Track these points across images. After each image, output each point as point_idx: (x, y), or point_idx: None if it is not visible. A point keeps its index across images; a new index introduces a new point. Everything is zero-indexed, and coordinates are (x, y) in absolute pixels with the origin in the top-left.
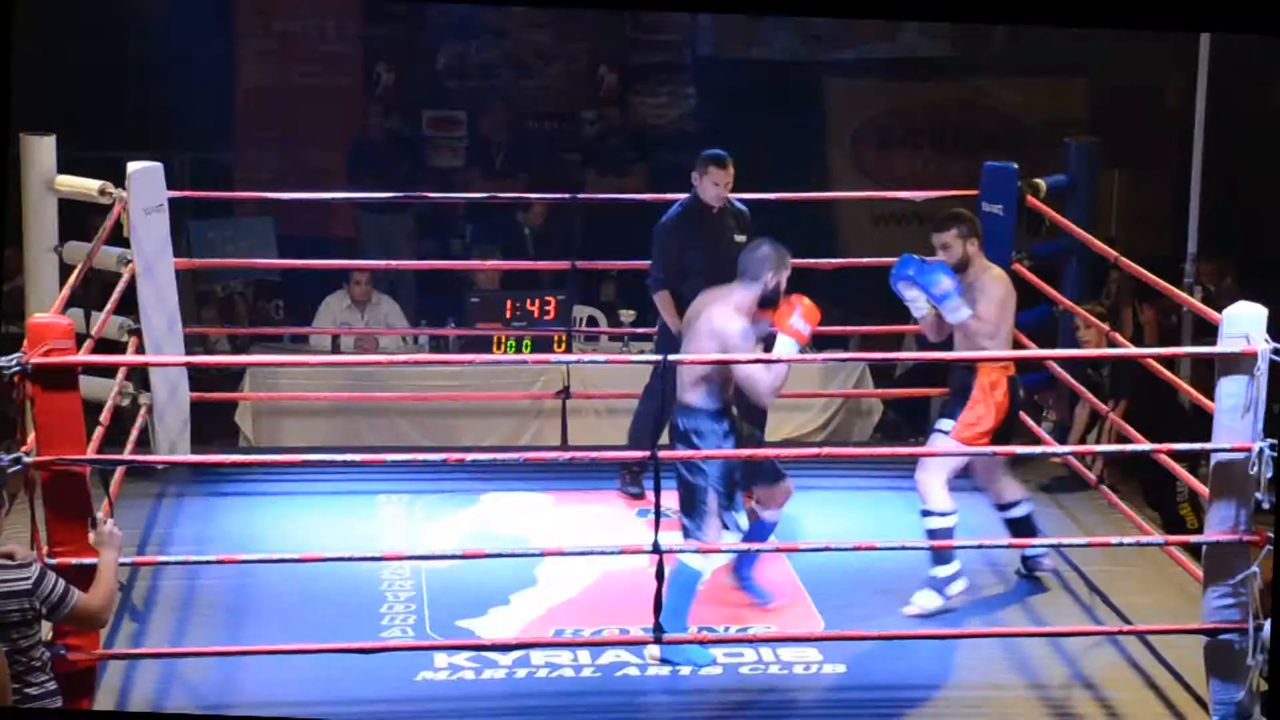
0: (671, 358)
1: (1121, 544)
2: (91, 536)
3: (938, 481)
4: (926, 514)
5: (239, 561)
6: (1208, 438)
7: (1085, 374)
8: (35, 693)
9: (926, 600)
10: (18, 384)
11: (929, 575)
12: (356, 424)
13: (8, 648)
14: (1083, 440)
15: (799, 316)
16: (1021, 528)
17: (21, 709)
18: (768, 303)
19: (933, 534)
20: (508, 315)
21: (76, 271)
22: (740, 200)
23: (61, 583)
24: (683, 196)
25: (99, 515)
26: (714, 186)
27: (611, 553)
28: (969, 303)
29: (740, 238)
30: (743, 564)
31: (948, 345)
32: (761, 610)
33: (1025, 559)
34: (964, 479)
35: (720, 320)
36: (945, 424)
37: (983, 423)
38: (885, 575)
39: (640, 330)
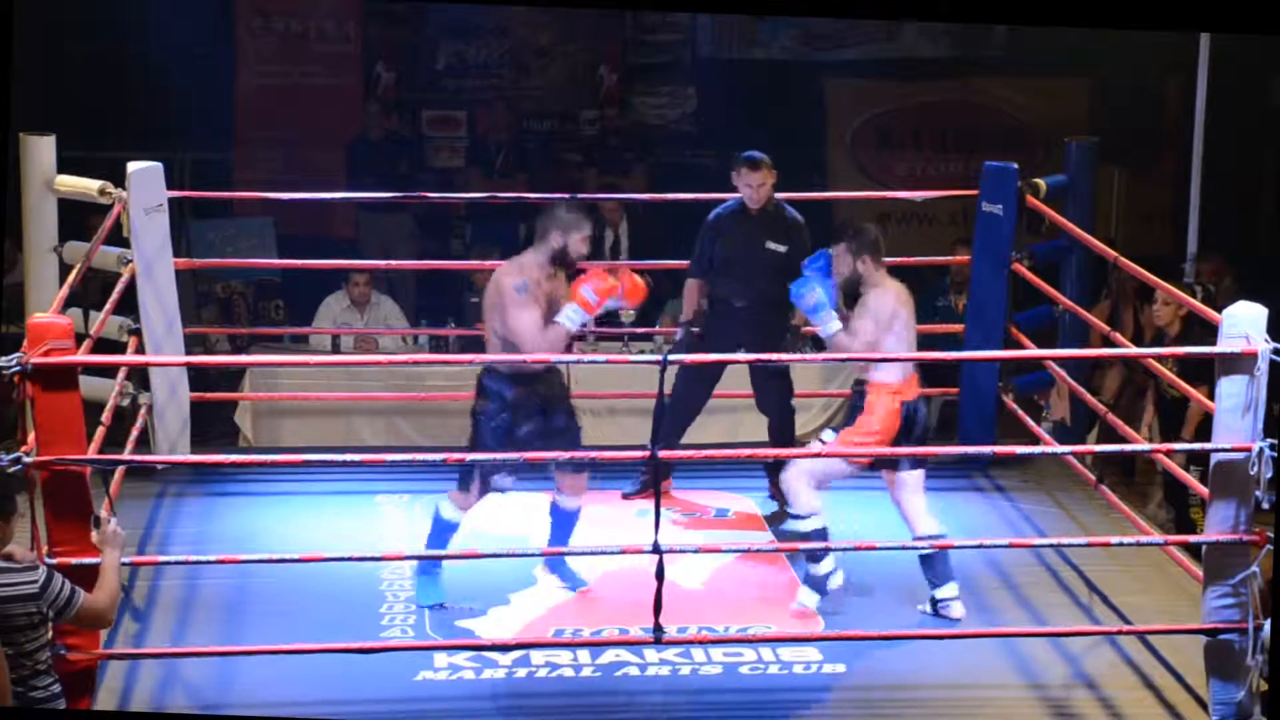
0: (671, 358)
1: (1121, 544)
2: (95, 536)
3: (803, 484)
4: (795, 517)
5: (239, 561)
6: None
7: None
8: (40, 696)
9: (808, 598)
10: (18, 384)
11: (808, 573)
12: (356, 424)
13: (13, 651)
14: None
15: (589, 287)
16: (928, 564)
17: (22, 709)
18: (561, 263)
19: (807, 536)
20: None
21: (75, 271)
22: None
23: (68, 585)
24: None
25: (102, 514)
26: (746, 188)
27: (611, 553)
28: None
29: (775, 245)
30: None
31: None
32: (581, 593)
33: (934, 601)
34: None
35: (500, 274)
36: (828, 435)
37: (865, 442)
38: (885, 575)
39: (640, 330)
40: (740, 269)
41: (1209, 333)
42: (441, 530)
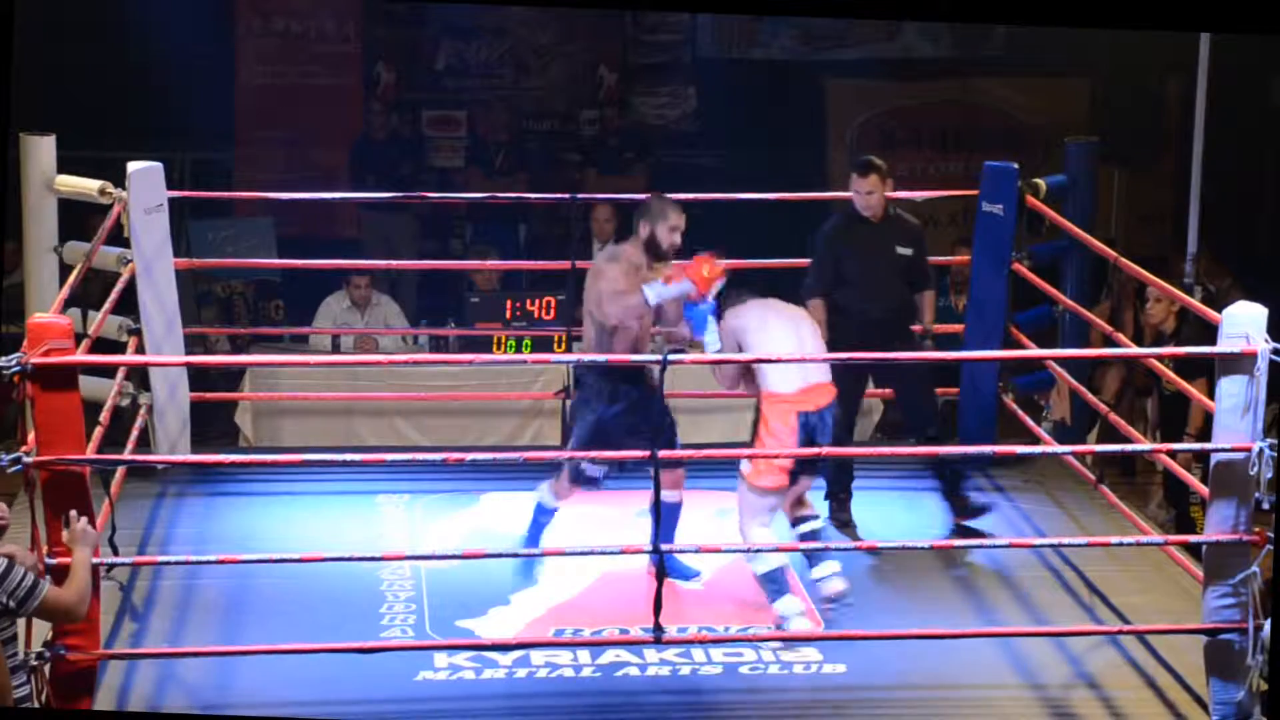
0: (671, 358)
1: (1121, 544)
2: (65, 535)
3: (753, 525)
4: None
5: (239, 561)
6: None
7: None
8: None
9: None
10: (18, 384)
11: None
12: (356, 424)
13: None
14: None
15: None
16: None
17: (23, 709)
18: (655, 254)
19: (765, 575)
20: (508, 315)
21: (75, 271)
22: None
23: (30, 576)
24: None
25: (71, 514)
26: (856, 195)
27: (611, 553)
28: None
29: (904, 249)
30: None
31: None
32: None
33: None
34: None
35: (597, 261)
36: (744, 466)
37: (776, 462)
38: (885, 575)
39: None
40: (871, 277)
41: (1204, 328)
42: (541, 514)
